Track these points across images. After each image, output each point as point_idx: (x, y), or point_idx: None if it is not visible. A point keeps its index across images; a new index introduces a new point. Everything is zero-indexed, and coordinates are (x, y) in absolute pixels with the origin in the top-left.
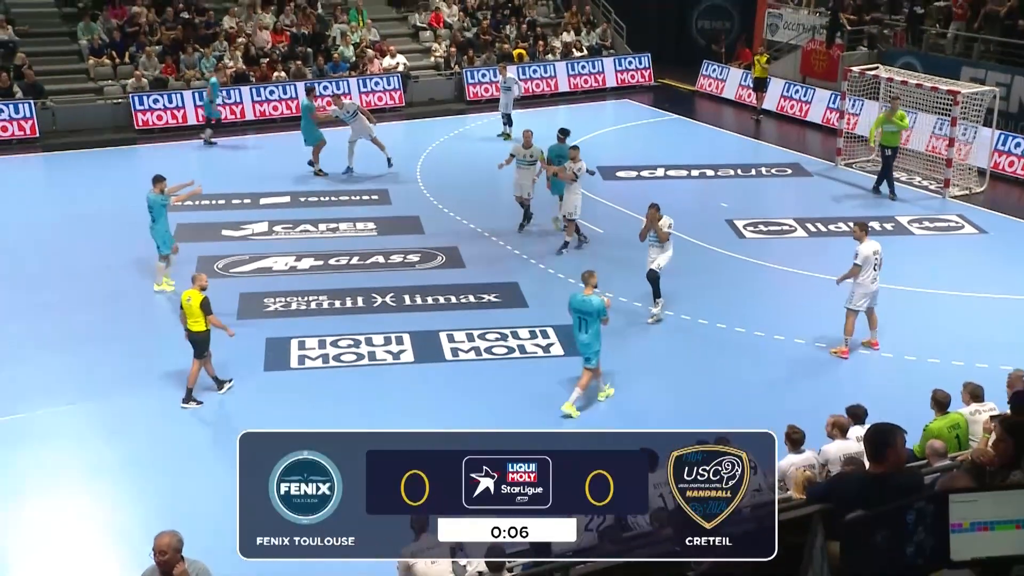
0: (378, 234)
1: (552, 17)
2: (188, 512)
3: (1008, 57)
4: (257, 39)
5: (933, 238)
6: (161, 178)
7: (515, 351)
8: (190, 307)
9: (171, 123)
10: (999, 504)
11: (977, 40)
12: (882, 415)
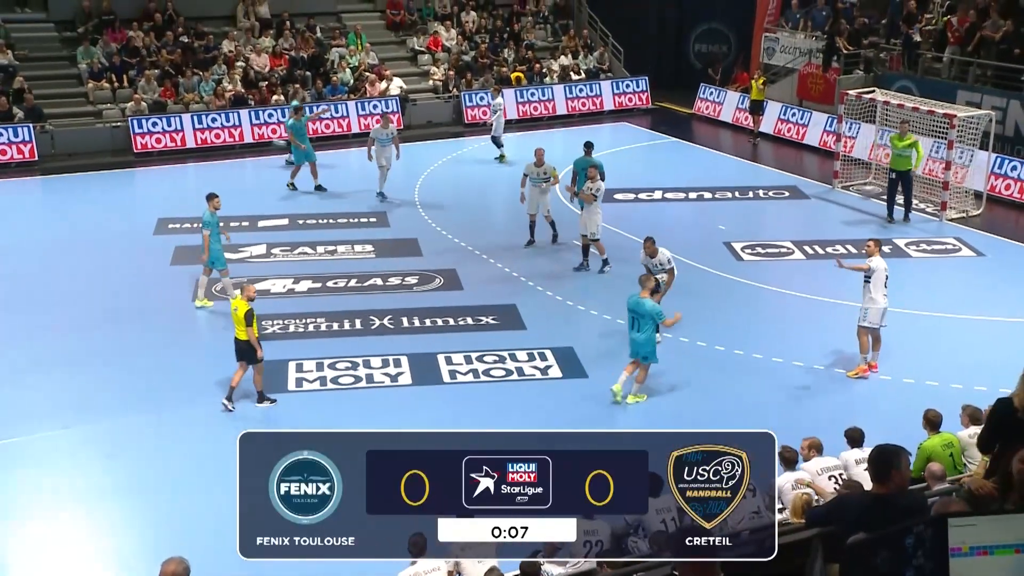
0: (376, 256)
1: (550, 41)
2: (188, 533)
3: (1003, 81)
4: (256, 63)
5: (931, 261)
6: (214, 195)
7: (513, 373)
8: (236, 316)
9: (170, 146)
10: (998, 529)
11: (972, 64)
12: (880, 438)
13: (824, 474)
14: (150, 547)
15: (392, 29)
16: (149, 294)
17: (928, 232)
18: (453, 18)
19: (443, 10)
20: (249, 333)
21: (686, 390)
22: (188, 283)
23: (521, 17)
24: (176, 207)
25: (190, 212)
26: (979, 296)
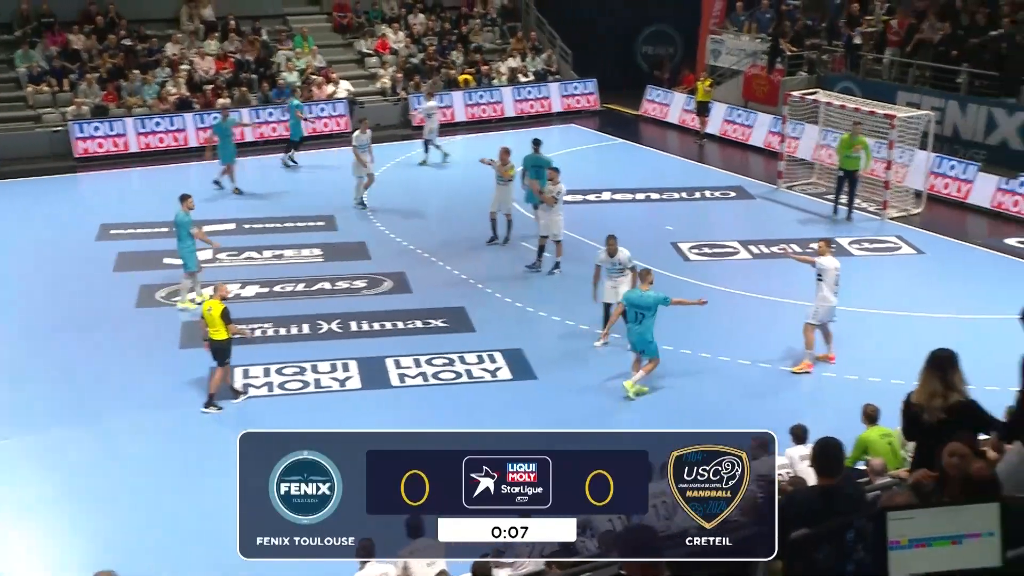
0: (324, 260)
1: (498, 43)
2: (130, 543)
3: (941, 82)
4: (200, 66)
5: (873, 259)
6: (187, 196)
7: (462, 376)
8: (211, 316)
9: (112, 151)
10: (935, 521)
11: (912, 66)
12: (824, 434)
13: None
14: (93, 556)
15: (339, 32)
16: (92, 301)
17: (870, 231)
18: (401, 21)
19: (391, 13)
20: (232, 329)
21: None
22: (132, 290)
23: (469, 19)
24: (119, 213)
25: (133, 217)
26: (920, 293)
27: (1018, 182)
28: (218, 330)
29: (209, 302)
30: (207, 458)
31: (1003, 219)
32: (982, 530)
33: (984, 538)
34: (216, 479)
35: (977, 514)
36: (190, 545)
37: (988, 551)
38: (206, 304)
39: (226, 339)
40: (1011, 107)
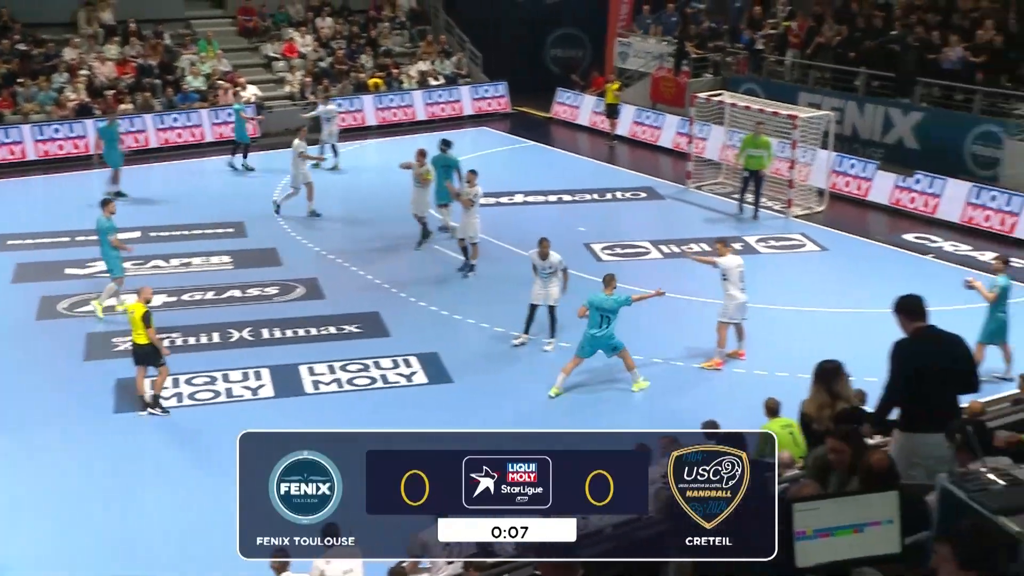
0: (234, 267)
1: (407, 47)
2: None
3: (840, 83)
4: (100, 71)
5: (778, 256)
6: (108, 201)
7: (378, 381)
8: (133, 319)
9: (8, 158)
10: (838, 511)
11: (812, 68)
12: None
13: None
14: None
15: (245, 35)
16: None
17: (775, 229)
18: (308, 24)
19: (297, 16)
20: (150, 335)
21: (545, 390)
22: (32, 301)
23: (378, 23)
24: (17, 222)
25: (33, 227)
26: (824, 289)
27: (914, 179)
28: (140, 333)
29: (132, 306)
30: (119, 467)
31: (901, 215)
32: (882, 518)
33: (884, 526)
34: (129, 487)
35: (877, 503)
36: (107, 562)
37: (888, 538)
38: (129, 306)
39: (147, 343)
40: (906, 107)
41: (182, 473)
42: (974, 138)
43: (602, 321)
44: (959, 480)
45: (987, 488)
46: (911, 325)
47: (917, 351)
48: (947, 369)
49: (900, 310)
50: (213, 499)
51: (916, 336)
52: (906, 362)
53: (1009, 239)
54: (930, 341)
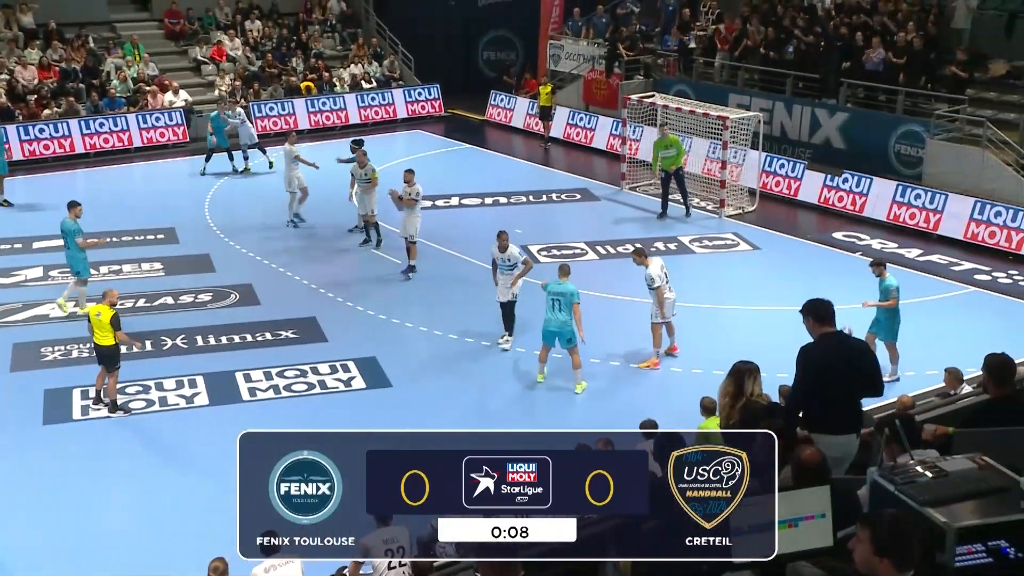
0: (166, 274)
1: (339, 50)
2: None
3: (769, 85)
4: (22, 75)
5: (712, 255)
6: (75, 203)
7: (316, 387)
8: (99, 321)
9: None
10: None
11: (740, 69)
12: (672, 426)
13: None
14: None
15: (172, 39)
16: None
17: (708, 228)
18: (237, 27)
19: (225, 20)
20: (119, 337)
21: (491, 392)
22: None
23: (308, 26)
24: None
25: None
26: (757, 287)
27: (842, 179)
28: (106, 335)
29: (98, 307)
30: (48, 479)
31: (830, 214)
32: (815, 512)
33: (817, 520)
34: (57, 500)
35: (809, 497)
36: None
37: (821, 532)
38: (94, 308)
39: (113, 345)
40: (832, 108)
41: (114, 482)
42: (898, 138)
43: (556, 305)
44: (888, 473)
45: (915, 481)
46: (819, 329)
47: (822, 355)
48: (851, 373)
49: (808, 313)
50: (154, 508)
51: (822, 340)
52: (811, 365)
53: (933, 236)
54: (835, 346)
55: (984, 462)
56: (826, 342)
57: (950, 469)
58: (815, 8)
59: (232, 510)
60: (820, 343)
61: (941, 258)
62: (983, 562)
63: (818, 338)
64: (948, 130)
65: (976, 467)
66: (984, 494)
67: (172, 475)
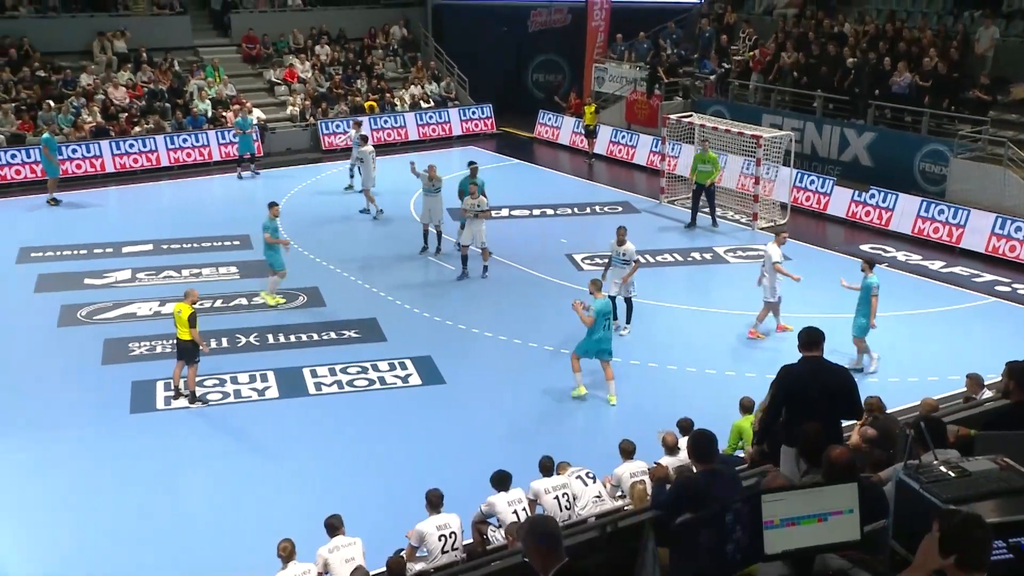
0: (240, 277)
1: (400, 72)
2: (61, 550)
3: (800, 105)
4: (114, 95)
5: (745, 266)
6: (274, 204)
7: (376, 383)
8: (180, 318)
9: (30, 177)
10: (804, 501)
11: (774, 91)
12: (708, 425)
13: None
14: (26, 568)
15: (248, 62)
16: (13, 322)
17: (742, 240)
18: (307, 51)
19: (297, 44)
20: (193, 333)
21: (524, 389)
22: (53, 310)
23: (372, 50)
24: (38, 236)
25: (53, 240)
26: (788, 296)
27: (869, 194)
28: (184, 331)
29: (179, 304)
30: (134, 463)
31: (857, 227)
32: (843, 508)
33: (845, 515)
34: (142, 482)
35: (838, 494)
36: (131, 552)
37: (849, 527)
38: (176, 306)
39: (189, 340)
40: (860, 128)
41: (191, 467)
42: (923, 156)
43: (606, 325)
44: (913, 472)
45: (939, 480)
46: (803, 352)
47: (797, 376)
48: (826, 395)
49: (798, 338)
50: (228, 492)
51: (802, 363)
52: (783, 385)
53: (956, 249)
54: (811, 369)
55: (1005, 463)
56: (805, 366)
57: (973, 469)
58: (845, 35)
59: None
60: (799, 365)
61: (963, 270)
62: (1004, 558)
63: (799, 360)
64: (971, 149)
65: (998, 468)
66: (1006, 493)
67: (245, 462)
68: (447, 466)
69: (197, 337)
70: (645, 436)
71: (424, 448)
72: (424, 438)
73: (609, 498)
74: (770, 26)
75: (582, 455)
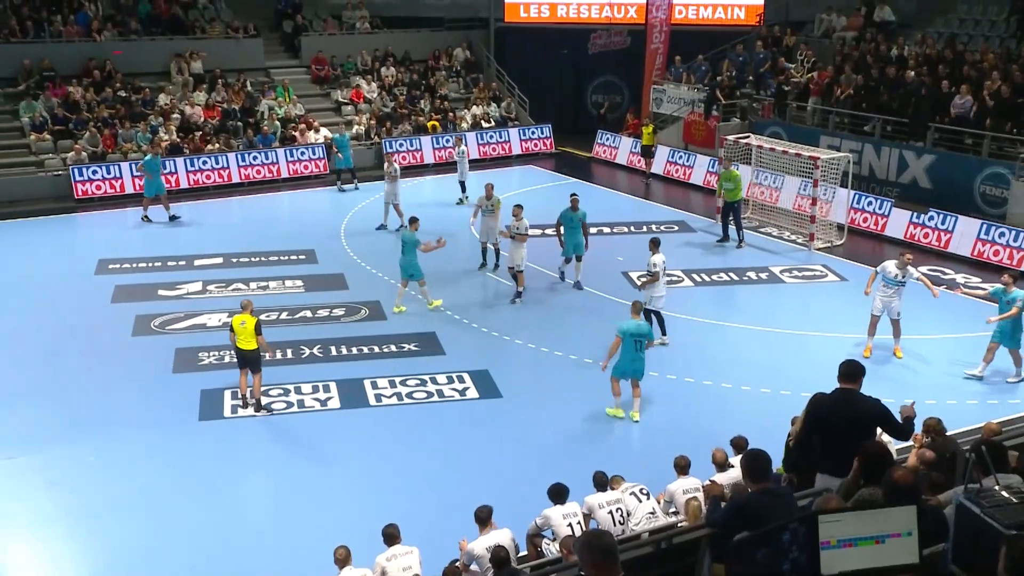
0: (305, 291)
1: (462, 92)
2: (130, 555)
3: (857, 128)
4: (190, 114)
5: (802, 286)
6: (415, 219)
7: (434, 395)
8: (245, 329)
9: (109, 192)
10: (860, 523)
11: (832, 113)
12: (757, 443)
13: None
14: (94, 568)
15: (317, 83)
16: (91, 331)
17: (799, 260)
18: (373, 73)
19: (364, 66)
20: (260, 341)
21: (579, 402)
22: (128, 320)
23: (435, 71)
24: (116, 249)
25: (129, 253)
26: (844, 316)
27: (928, 216)
28: (250, 340)
29: (242, 316)
30: (201, 469)
31: (915, 249)
32: (902, 530)
33: (904, 537)
34: (209, 487)
35: (897, 516)
36: (195, 554)
37: (907, 549)
38: (240, 318)
39: (256, 348)
40: (919, 150)
41: (255, 474)
42: (983, 179)
43: (638, 345)
44: (974, 496)
45: (1001, 505)
46: (839, 382)
47: (825, 406)
48: (853, 425)
49: (838, 369)
50: (288, 498)
51: (833, 393)
52: (812, 413)
53: (1017, 272)
54: (840, 400)
55: None
56: (834, 396)
57: None
58: (905, 58)
59: (356, 501)
60: (829, 396)
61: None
62: None
63: (832, 390)
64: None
65: None
66: None
67: (306, 470)
68: (502, 478)
69: (265, 344)
70: (698, 453)
71: (479, 460)
72: (479, 450)
73: (663, 514)
74: (828, 48)
75: (634, 471)
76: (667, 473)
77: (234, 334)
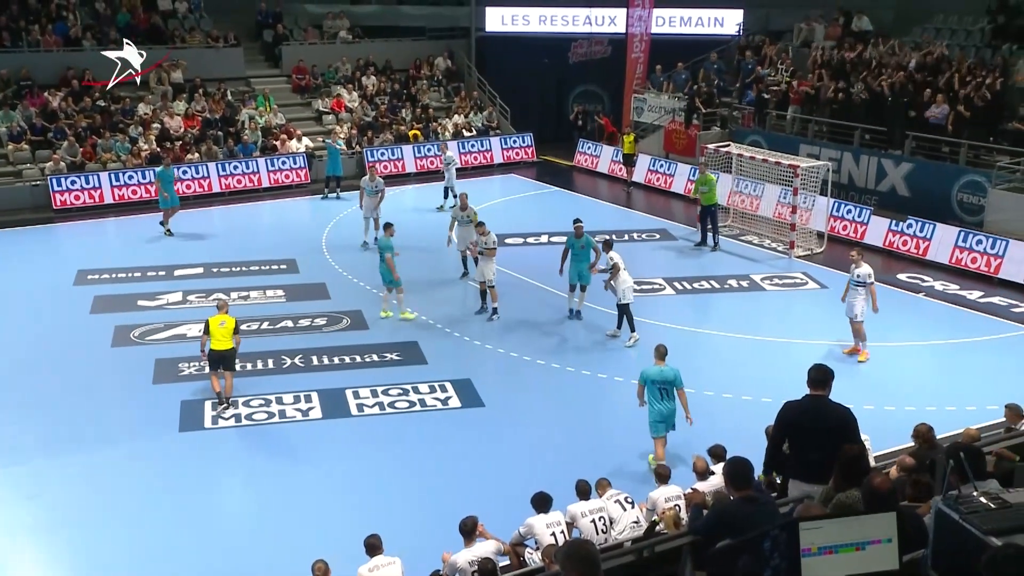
0: (287, 300)
1: (443, 102)
2: (110, 567)
3: (837, 136)
4: (170, 124)
5: (782, 293)
6: (389, 225)
7: (416, 405)
8: (226, 329)
9: (88, 202)
10: (841, 530)
11: (811, 122)
12: (735, 450)
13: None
14: None
15: (298, 92)
16: (70, 342)
17: (779, 268)
18: (355, 82)
19: (345, 75)
20: (235, 340)
21: (567, 412)
22: (107, 330)
23: (417, 81)
24: (95, 259)
25: (108, 263)
26: (823, 323)
27: (906, 224)
28: (227, 340)
29: (221, 317)
30: (182, 480)
31: (894, 257)
32: (882, 537)
33: (884, 544)
34: (190, 498)
35: (877, 523)
36: (176, 566)
37: (887, 556)
38: (219, 318)
39: (232, 348)
40: (897, 158)
41: (236, 483)
42: (960, 187)
43: (663, 394)
44: (952, 502)
45: (978, 510)
46: (810, 389)
47: (795, 413)
48: (823, 432)
49: (807, 374)
50: (270, 509)
51: (803, 400)
52: (782, 420)
53: (994, 279)
54: (810, 407)
55: None
56: (804, 403)
57: (1013, 500)
58: (882, 67)
59: (339, 512)
60: (799, 401)
61: (1002, 300)
62: None
63: (802, 397)
64: (1009, 180)
65: None
66: None
67: (288, 480)
68: (485, 488)
69: (237, 341)
70: (679, 461)
71: (462, 469)
72: (462, 460)
73: (646, 523)
74: (807, 58)
75: (620, 479)
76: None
77: (209, 336)
